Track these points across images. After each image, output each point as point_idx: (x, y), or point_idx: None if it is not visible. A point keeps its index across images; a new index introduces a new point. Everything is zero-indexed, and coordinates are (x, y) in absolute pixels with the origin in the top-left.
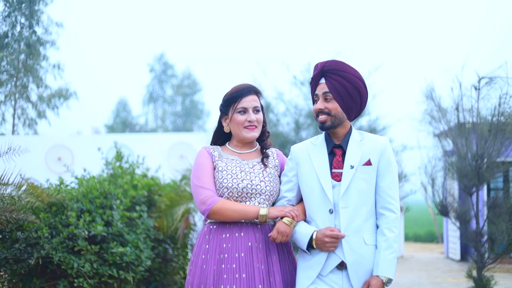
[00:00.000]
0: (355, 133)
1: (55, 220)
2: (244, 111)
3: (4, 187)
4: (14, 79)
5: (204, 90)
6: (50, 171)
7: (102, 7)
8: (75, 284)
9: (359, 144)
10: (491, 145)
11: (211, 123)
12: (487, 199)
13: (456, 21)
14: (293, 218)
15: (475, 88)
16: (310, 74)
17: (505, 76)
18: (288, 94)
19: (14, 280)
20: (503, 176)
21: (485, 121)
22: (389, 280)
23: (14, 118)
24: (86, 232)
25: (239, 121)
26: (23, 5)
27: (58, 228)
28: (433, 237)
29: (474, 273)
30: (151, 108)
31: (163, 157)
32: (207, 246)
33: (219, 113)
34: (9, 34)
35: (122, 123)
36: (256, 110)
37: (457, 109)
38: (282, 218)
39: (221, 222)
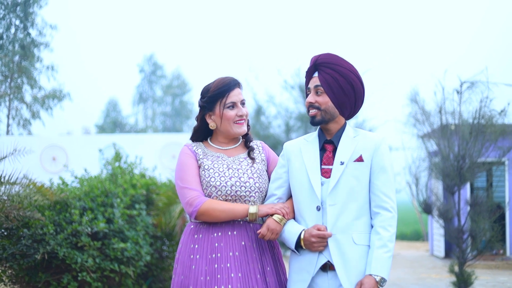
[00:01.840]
0: (349, 130)
1: (59, 218)
2: (233, 105)
3: (11, 186)
4: (9, 80)
5: (193, 91)
6: (45, 171)
7: (92, 9)
8: (78, 278)
9: (351, 140)
10: (472, 146)
11: None
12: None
13: (440, 29)
14: (283, 215)
15: (457, 92)
16: (301, 78)
17: (485, 81)
18: (279, 98)
19: (20, 274)
20: (486, 176)
21: (466, 123)
22: (383, 280)
23: (8, 118)
24: (89, 229)
25: (230, 116)
26: (18, 7)
27: (63, 225)
28: (419, 236)
29: (456, 268)
30: (141, 108)
31: (156, 157)
32: (196, 246)
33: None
34: (4, 36)
35: (113, 123)
36: (243, 104)
37: (440, 112)
38: (272, 215)
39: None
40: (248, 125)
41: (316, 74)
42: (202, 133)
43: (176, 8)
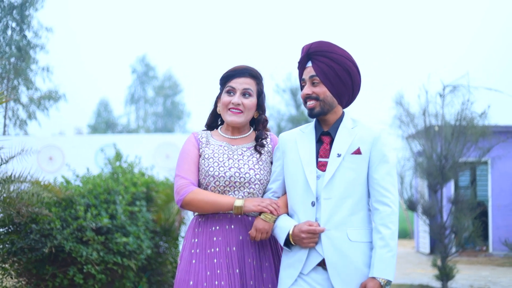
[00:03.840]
0: (347, 120)
1: (65, 214)
2: (232, 91)
3: (20, 183)
4: (5, 81)
5: (184, 92)
6: (42, 171)
7: (85, 10)
8: (84, 270)
9: (349, 132)
10: (454, 147)
11: (192, 124)
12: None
13: (425, 36)
14: (271, 212)
15: (440, 95)
16: (291, 82)
17: (467, 85)
18: (271, 101)
19: (29, 267)
20: (470, 175)
21: (449, 125)
22: (388, 282)
23: (5, 119)
24: (93, 224)
25: (224, 101)
26: (15, 10)
27: (68, 220)
28: (406, 234)
29: (439, 262)
30: (133, 108)
31: (150, 157)
32: (196, 240)
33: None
34: (1, 38)
35: (105, 123)
36: (246, 94)
37: (424, 114)
38: (260, 213)
39: (210, 214)
40: (266, 120)
41: (310, 64)
42: (215, 119)
43: (169, 11)
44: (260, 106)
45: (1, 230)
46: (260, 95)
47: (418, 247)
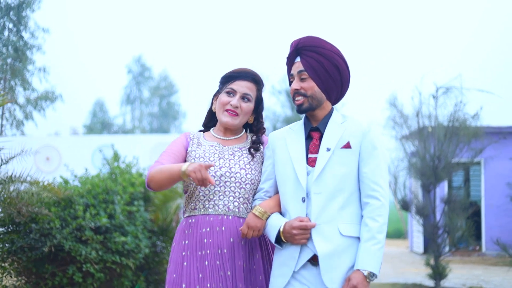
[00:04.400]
0: (336, 115)
1: (65, 213)
2: (232, 93)
3: (20, 183)
4: (2, 82)
5: (180, 92)
6: (40, 171)
7: (81, 10)
8: (83, 269)
9: (338, 126)
10: (447, 148)
11: (187, 124)
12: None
13: (422, 34)
14: (195, 179)
15: (433, 97)
16: (287, 84)
17: (459, 87)
18: (267, 102)
19: (29, 266)
20: (463, 176)
21: (442, 126)
22: (372, 274)
23: (2, 119)
24: (92, 224)
25: (222, 101)
26: (11, 11)
27: (68, 220)
28: (400, 234)
29: (432, 261)
30: (129, 109)
31: (146, 157)
32: (187, 242)
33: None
34: None
35: (100, 124)
36: (245, 98)
37: (417, 115)
38: (253, 210)
39: (201, 215)
40: (263, 128)
41: (298, 59)
42: (212, 118)
43: (165, 11)
44: (258, 112)
45: (1, 229)
46: (259, 101)
47: (412, 247)
